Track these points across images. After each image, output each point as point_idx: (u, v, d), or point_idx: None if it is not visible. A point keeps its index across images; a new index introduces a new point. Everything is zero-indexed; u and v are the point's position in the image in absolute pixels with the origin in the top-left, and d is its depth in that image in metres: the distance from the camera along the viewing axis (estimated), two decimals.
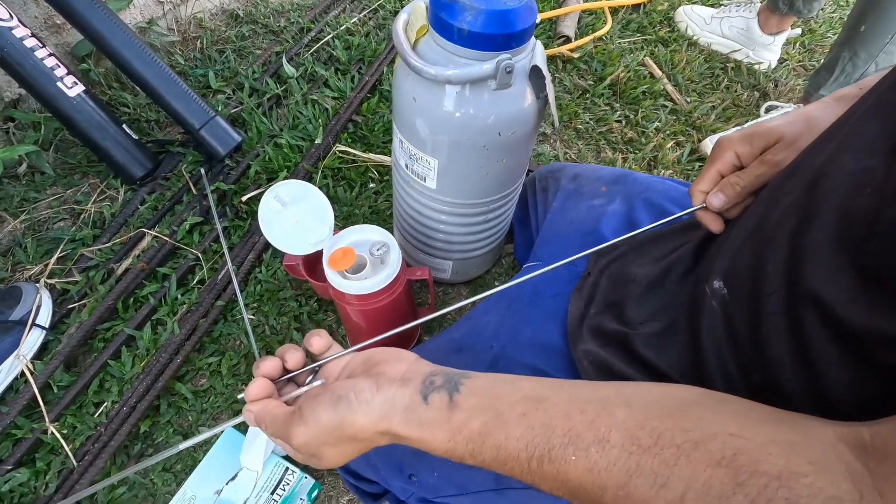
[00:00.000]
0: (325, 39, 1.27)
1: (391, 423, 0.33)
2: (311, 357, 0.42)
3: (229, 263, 0.85)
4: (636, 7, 1.48)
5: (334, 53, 1.23)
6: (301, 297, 0.86)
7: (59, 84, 0.85)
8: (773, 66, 1.36)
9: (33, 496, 0.67)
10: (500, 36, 0.52)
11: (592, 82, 1.26)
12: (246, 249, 0.89)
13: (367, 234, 0.67)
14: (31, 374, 0.73)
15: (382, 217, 0.96)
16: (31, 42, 0.82)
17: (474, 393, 0.33)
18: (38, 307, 0.78)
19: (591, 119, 1.18)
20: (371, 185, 1.02)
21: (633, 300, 0.55)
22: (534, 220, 0.81)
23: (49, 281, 0.83)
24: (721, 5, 1.47)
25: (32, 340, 0.76)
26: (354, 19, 1.34)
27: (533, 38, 0.57)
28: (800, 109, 0.45)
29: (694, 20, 1.40)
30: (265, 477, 0.63)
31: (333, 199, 0.97)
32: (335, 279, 0.63)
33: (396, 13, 1.40)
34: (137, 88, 1.08)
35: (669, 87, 1.26)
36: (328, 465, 0.37)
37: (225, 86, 1.14)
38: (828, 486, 0.23)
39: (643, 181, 0.70)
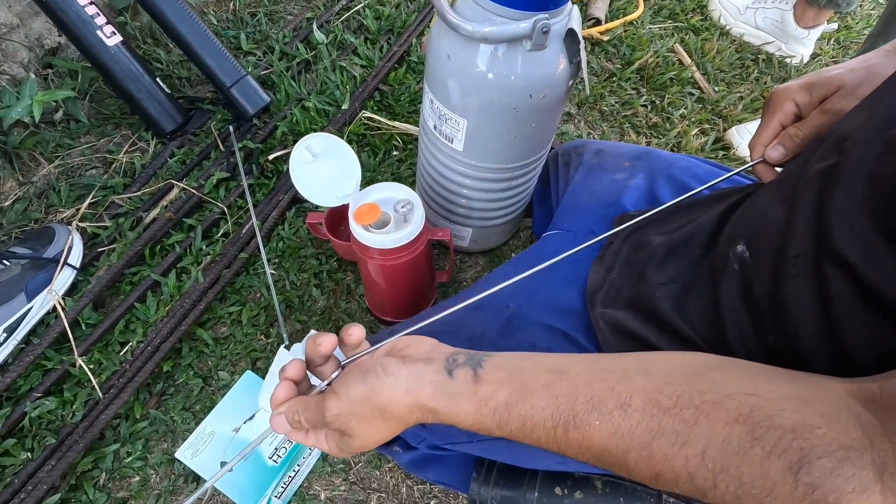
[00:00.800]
0: (356, 8, 1.27)
1: (419, 396, 0.34)
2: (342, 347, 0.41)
3: (254, 218, 0.87)
4: None
5: (364, 22, 1.24)
6: (322, 255, 0.88)
7: (98, 33, 0.87)
8: (805, 60, 1.34)
9: (60, 423, 0.70)
10: None
11: (620, 66, 1.26)
12: (270, 206, 0.91)
13: (392, 192, 0.68)
14: (63, 309, 0.75)
15: (405, 184, 0.97)
16: None
17: (497, 367, 0.34)
18: (70, 248, 0.81)
19: (616, 102, 1.18)
20: (395, 152, 1.03)
21: (654, 265, 0.56)
22: (554, 195, 0.81)
23: (81, 224, 0.86)
24: None
25: (64, 278, 0.79)
26: None
27: (570, 2, 0.58)
28: (860, 57, 0.44)
29: (728, 9, 1.38)
30: None
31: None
32: (360, 233, 0.65)
33: None
34: (171, 45, 1.10)
35: (698, 76, 1.25)
36: (361, 444, 0.36)
37: (256, 48, 1.15)
38: (840, 435, 0.24)
39: (666, 158, 0.70)
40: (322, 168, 0.66)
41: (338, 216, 0.85)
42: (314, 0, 1.30)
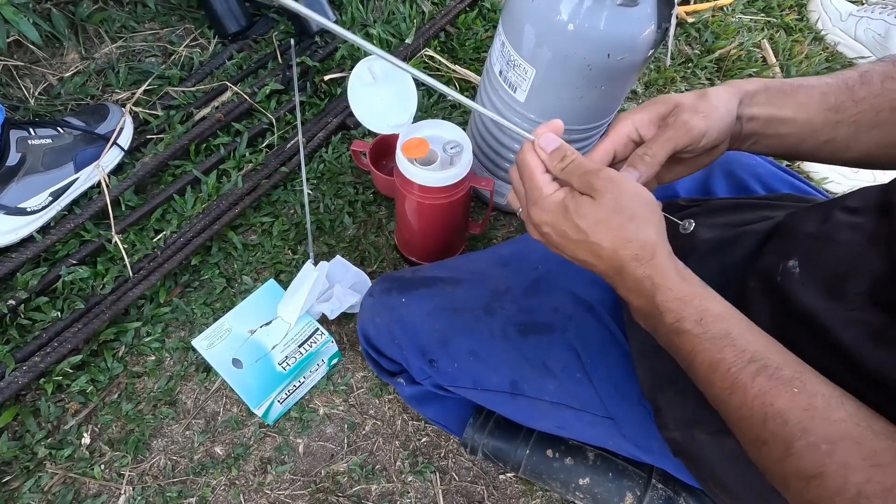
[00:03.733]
0: None
1: (656, 251, 0.35)
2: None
3: (300, 135, 0.86)
4: None
5: None
6: (359, 185, 0.88)
7: None
8: None
9: (89, 292, 0.73)
10: None
11: (699, 52, 1.19)
12: (318, 127, 0.91)
13: (444, 131, 0.67)
14: (107, 186, 0.77)
15: None
16: None
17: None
18: (122, 129, 0.82)
19: (687, 89, 1.12)
20: (448, 98, 1.00)
21: (694, 258, 0.54)
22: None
23: (134, 108, 0.87)
24: (865, 3, 1.33)
25: (112, 157, 0.81)
26: None
27: None
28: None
29: (829, 13, 1.28)
30: (296, 330, 0.67)
31: None
32: (405, 165, 0.64)
33: None
34: None
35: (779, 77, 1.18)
36: (567, 247, 0.38)
37: None
38: None
39: (728, 153, 0.67)
40: (379, 93, 0.65)
41: (382, 149, 0.84)
42: None
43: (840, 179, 1.04)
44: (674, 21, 0.55)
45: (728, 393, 0.32)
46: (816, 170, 1.05)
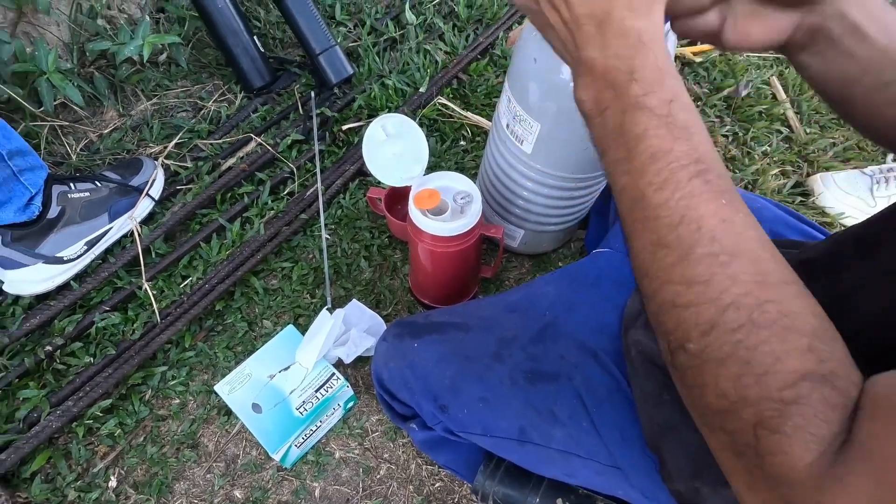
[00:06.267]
0: None
1: (654, 6, 0.30)
2: None
3: (319, 183, 0.91)
4: None
5: (455, 9, 1.25)
6: (375, 229, 0.91)
7: None
8: None
9: (120, 337, 0.77)
10: None
11: (708, 91, 1.21)
12: (336, 174, 0.95)
13: (454, 182, 0.70)
14: (139, 235, 0.82)
15: (467, 175, 0.98)
16: None
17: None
18: (154, 181, 0.88)
19: None
20: (462, 142, 1.04)
21: None
22: (612, 212, 0.80)
23: (166, 161, 0.93)
24: None
25: (144, 207, 0.86)
26: None
27: (668, 25, 0.56)
28: None
29: None
30: (313, 375, 0.69)
31: None
32: (417, 216, 0.67)
33: None
34: (271, 6, 1.16)
35: (790, 113, 1.18)
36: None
37: (348, 19, 1.19)
38: (843, 386, 0.25)
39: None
40: (393, 147, 0.68)
41: (397, 195, 0.87)
42: None
43: (857, 214, 1.03)
44: None
45: (655, 188, 0.29)
46: (832, 205, 1.04)
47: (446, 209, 0.69)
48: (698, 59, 1.25)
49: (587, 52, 0.32)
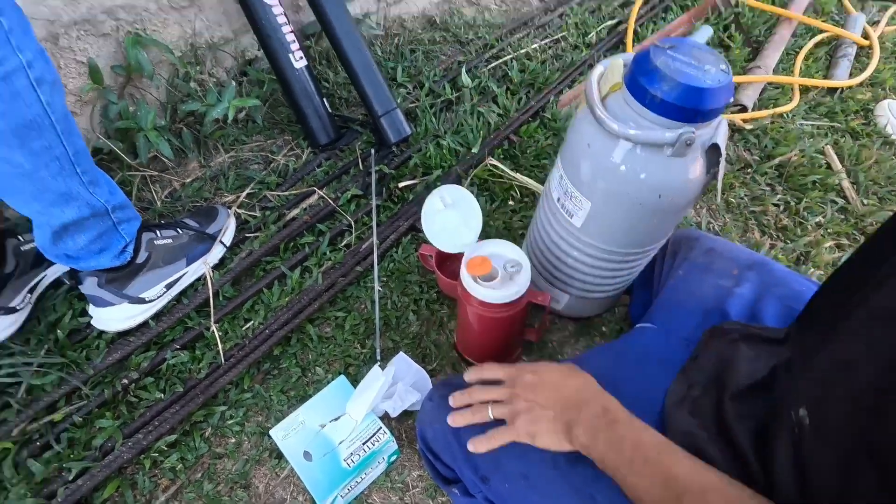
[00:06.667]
0: (504, 59, 1.36)
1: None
2: None
3: (374, 238, 0.97)
4: (831, 90, 1.38)
5: (509, 73, 1.32)
6: (424, 284, 0.96)
7: (290, 56, 1.03)
8: None
9: (187, 375, 0.83)
10: (691, 110, 0.55)
11: (759, 158, 1.21)
12: (390, 230, 1.01)
13: (504, 250, 0.73)
14: (211, 280, 0.90)
15: (514, 235, 1.03)
16: (282, 19, 1.01)
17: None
18: (226, 228, 0.96)
19: (746, 195, 1.14)
20: (511, 202, 1.08)
21: (735, 393, 0.55)
22: (656, 282, 0.82)
23: (237, 210, 1.01)
24: None
25: (216, 253, 0.94)
26: (535, 45, 1.42)
27: (721, 116, 0.59)
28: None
29: None
30: (361, 427, 0.73)
31: None
32: (468, 281, 0.70)
33: (576, 46, 1.45)
34: (339, 68, 1.26)
35: (846, 184, 1.17)
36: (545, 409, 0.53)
37: (408, 81, 1.28)
38: None
39: (781, 274, 0.68)
40: (448, 216, 0.73)
41: (447, 254, 0.92)
42: (468, 45, 1.41)
43: None
44: (722, 165, 0.60)
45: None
46: None
47: (496, 276, 0.72)
48: (748, 127, 1.26)
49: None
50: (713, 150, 0.59)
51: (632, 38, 1.43)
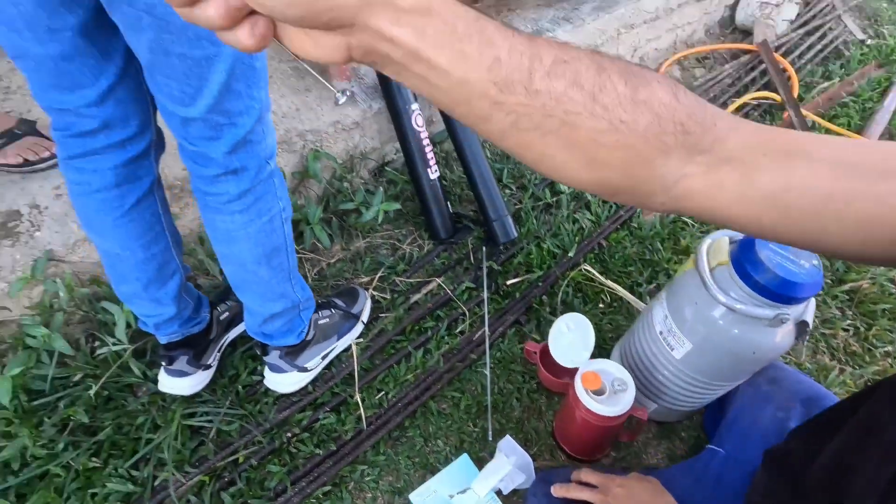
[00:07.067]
0: None
1: None
2: None
3: (486, 328, 1.15)
4: None
5: None
6: (526, 374, 1.13)
7: (428, 169, 1.25)
8: None
9: (335, 435, 1.02)
10: (787, 296, 0.71)
11: (830, 282, 1.33)
12: (499, 322, 1.19)
13: (611, 368, 0.90)
14: (356, 355, 1.10)
15: (603, 335, 1.18)
16: (426, 141, 1.24)
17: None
18: (365, 308, 1.17)
19: (817, 318, 1.25)
20: (601, 305, 1.25)
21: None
22: (726, 399, 0.95)
23: (373, 292, 1.22)
24: None
25: (358, 330, 1.15)
26: None
27: (812, 298, 0.75)
28: None
29: None
30: (483, 501, 0.89)
31: (569, 305, 1.23)
32: (581, 393, 0.87)
33: None
34: (455, 166, 1.48)
35: None
36: None
37: (512, 183, 1.48)
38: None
39: None
40: (569, 338, 0.90)
41: (549, 351, 1.08)
42: None
43: None
44: (807, 335, 0.75)
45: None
46: None
47: (605, 392, 0.88)
48: None
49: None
50: (802, 324, 0.74)
51: None
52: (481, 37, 0.29)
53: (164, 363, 0.97)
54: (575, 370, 0.90)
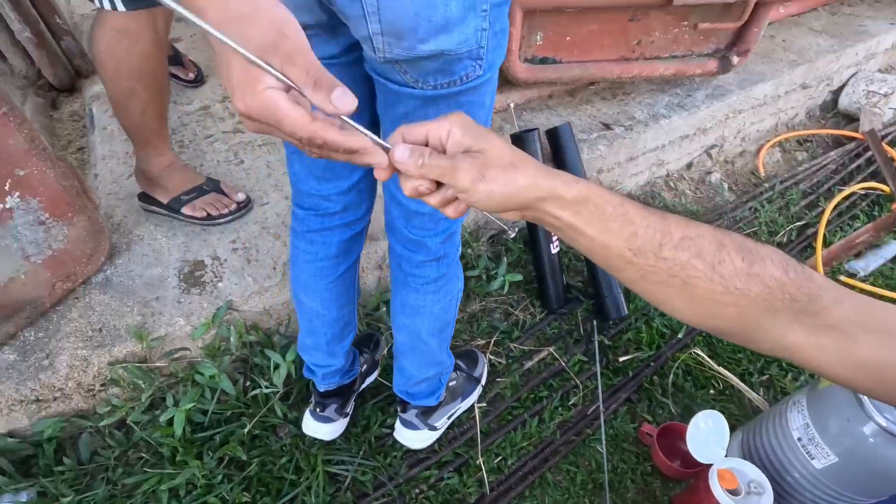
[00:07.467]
0: None
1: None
2: None
3: (601, 404, 1.19)
4: None
5: None
6: (639, 455, 1.16)
7: (550, 245, 1.33)
8: None
9: (458, 496, 1.08)
10: None
11: None
12: (611, 399, 1.23)
13: (746, 469, 0.92)
14: (478, 419, 1.16)
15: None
16: None
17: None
18: (484, 372, 1.23)
19: None
20: (712, 391, 1.27)
21: None
22: None
23: (490, 356, 1.29)
24: None
25: (478, 393, 1.21)
26: None
27: None
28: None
29: None
30: None
31: (680, 388, 1.25)
32: (717, 489, 0.90)
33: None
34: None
35: None
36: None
37: None
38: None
39: None
40: (707, 434, 0.94)
41: (666, 435, 1.11)
42: None
43: None
44: None
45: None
46: None
47: (741, 492, 0.91)
48: None
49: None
50: None
51: (821, 245, 1.60)
52: (624, 217, 0.40)
53: (316, 409, 1.06)
54: (700, 464, 0.93)
